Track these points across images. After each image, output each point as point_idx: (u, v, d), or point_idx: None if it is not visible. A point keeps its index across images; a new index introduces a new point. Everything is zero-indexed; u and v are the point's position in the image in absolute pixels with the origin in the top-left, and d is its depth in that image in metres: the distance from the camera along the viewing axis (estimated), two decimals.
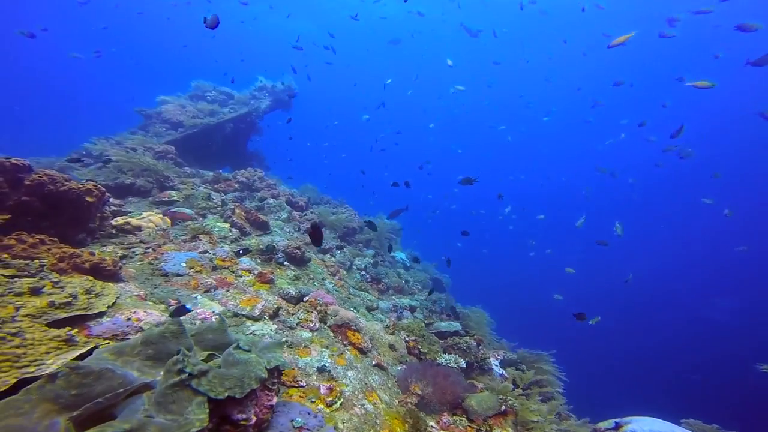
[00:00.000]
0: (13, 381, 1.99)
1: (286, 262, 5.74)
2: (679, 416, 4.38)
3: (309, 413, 2.65)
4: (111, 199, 6.18)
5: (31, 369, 2.09)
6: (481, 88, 33.68)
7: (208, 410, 1.90)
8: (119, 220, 5.68)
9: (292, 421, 2.49)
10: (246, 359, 2.22)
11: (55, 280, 3.12)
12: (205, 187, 8.49)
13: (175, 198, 7.35)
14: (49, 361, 2.17)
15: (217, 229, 6.02)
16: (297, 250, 5.81)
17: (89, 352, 2.43)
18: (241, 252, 5.50)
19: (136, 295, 3.68)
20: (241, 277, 4.85)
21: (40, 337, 2.28)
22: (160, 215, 6.00)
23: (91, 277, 3.44)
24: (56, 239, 4.16)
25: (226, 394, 1.99)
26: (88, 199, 4.84)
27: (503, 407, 3.93)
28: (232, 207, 6.73)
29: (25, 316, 2.52)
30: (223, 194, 8.30)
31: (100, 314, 3.14)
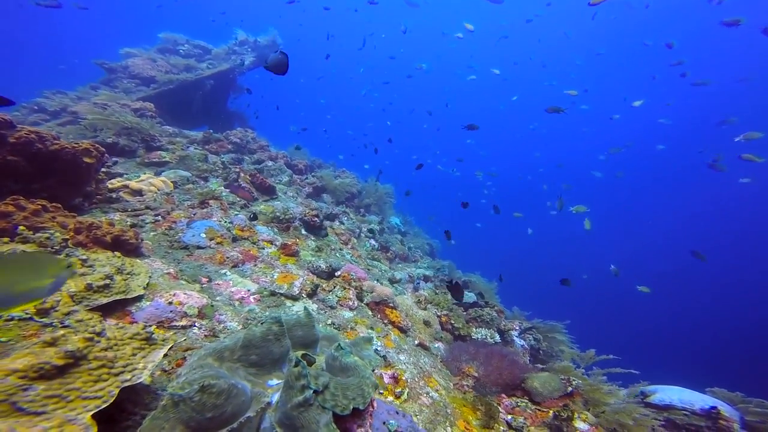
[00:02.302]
0: (117, 391, 1.60)
1: (304, 231, 5.32)
2: (705, 385, 4.51)
3: (397, 413, 2.40)
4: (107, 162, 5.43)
5: (128, 376, 1.67)
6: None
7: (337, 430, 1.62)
8: (115, 183, 4.97)
9: (385, 423, 2.24)
10: (354, 363, 1.91)
11: (83, 257, 2.59)
12: (195, 148, 7.68)
13: (166, 159, 6.58)
14: (140, 365, 1.75)
15: (224, 193, 5.44)
16: (315, 218, 5.38)
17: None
18: (252, 216, 5.01)
19: (166, 273, 3.20)
20: (263, 249, 4.41)
21: (120, 336, 1.83)
22: (162, 178, 5.31)
23: (119, 254, 2.91)
24: (59, 205, 3.53)
25: (351, 407, 1.70)
26: (87, 160, 4.14)
27: (569, 388, 3.66)
28: (237, 170, 6.10)
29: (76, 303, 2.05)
30: (218, 156, 7.55)
31: (139, 297, 2.68)
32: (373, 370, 2.16)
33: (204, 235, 4.05)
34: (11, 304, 1.41)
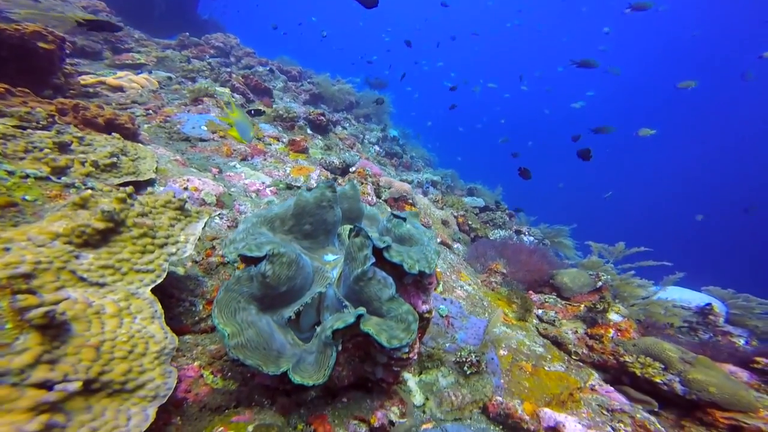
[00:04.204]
0: (167, 265, 1.33)
1: (309, 130, 4.85)
2: (700, 284, 4.52)
3: (445, 299, 2.25)
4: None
5: (172, 248, 1.40)
6: None
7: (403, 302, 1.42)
8: (89, 79, 4.29)
9: (435, 308, 2.09)
10: (410, 232, 1.65)
11: (79, 135, 2.15)
12: (173, 51, 6.74)
13: (142, 61, 5.76)
14: (182, 238, 1.46)
15: (218, 93, 4.83)
16: (321, 117, 4.89)
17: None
18: (253, 112, 4.51)
19: (174, 160, 2.80)
20: (270, 145, 3.99)
21: (152, 203, 1.51)
22: (145, 76, 4.62)
23: (119, 135, 2.47)
24: (28, 90, 2.96)
25: (417, 268, 1.46)
26: (43, 45, 3.44)
27: (599, 283, 3.50)
28: (229, 71, 5.39)
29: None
30: (202, 60, 6.67)
31: (151, 182, 2.32)
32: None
33: (205, 128, 3.58)
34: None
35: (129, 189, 1.43)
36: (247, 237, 1.42)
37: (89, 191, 1.35)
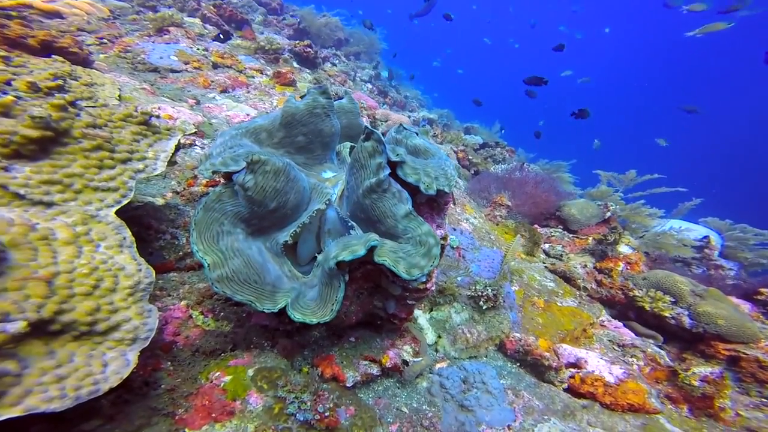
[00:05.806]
0: (134, 183, 1.10)
1: (296, 64, 4.41)
2: (698, 216, 4.40)
3: (454, 229, 2.06)
4: None
5: (140, 165, 1.17)
6: None
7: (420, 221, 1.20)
8: (4, 0, 3.60)
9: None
10: (425, 144, 1.40)
11: (2, 54, 1.78)
12: None
13: None
14: (150, 154, 1.22)
15: (186, 24, 4.30)
16: (308, 49, 4.43)
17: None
18: (221, 36, 4.06)
19: (141, 89, 2.46)
20: (253, 77, 3.60)
21: (107, 116, 1.24)
22: (89, 1, 4.01)
23: (62, 59, 2.10)
24: None
25: (435, 187, 1.22)
26: None
27: (607, 214, 3.35)
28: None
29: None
30: None
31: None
32: None
33: (175, 58, 3.18)
34: None
35: (69, 97, 1.15)
36: (225, 151, 1.17)
37: (10, 97, 1.07)
